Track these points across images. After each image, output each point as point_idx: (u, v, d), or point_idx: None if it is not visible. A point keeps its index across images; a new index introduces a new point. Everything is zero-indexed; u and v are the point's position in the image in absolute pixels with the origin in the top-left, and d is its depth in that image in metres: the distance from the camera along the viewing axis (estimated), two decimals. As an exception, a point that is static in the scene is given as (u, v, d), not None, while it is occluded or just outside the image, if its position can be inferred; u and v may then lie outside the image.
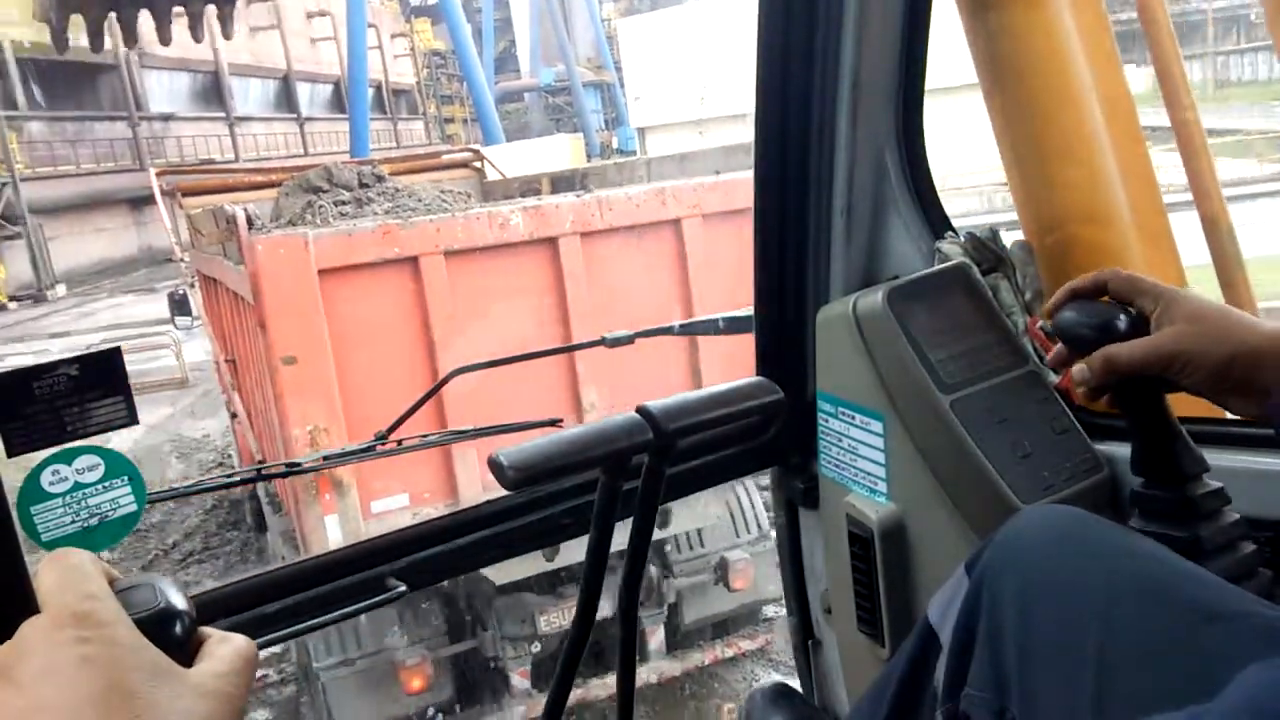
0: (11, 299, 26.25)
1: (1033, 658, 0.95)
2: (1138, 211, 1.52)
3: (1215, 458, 1.17)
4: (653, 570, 5.65)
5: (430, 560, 1.38)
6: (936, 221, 1.55)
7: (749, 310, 1.66)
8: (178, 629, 0.60)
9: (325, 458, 1.79)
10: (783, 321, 1.64)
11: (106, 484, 1.11)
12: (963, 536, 1.35)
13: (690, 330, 2.29)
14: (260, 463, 5.71)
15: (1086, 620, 0.93)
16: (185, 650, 0.60)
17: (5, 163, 26.17)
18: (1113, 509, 1.33)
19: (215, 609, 1.23)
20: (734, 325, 2.07)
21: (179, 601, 0.61)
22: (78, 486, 1.09)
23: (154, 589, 0.62)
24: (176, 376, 14.91)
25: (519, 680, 5.52)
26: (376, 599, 1.33)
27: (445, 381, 2.27)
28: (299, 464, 1.70)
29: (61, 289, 27.40)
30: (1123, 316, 1.09)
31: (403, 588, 1.34)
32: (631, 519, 1.19)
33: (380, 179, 7.03)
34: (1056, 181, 1.54)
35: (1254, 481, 1.20)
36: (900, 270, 1.55)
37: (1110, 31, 1.53)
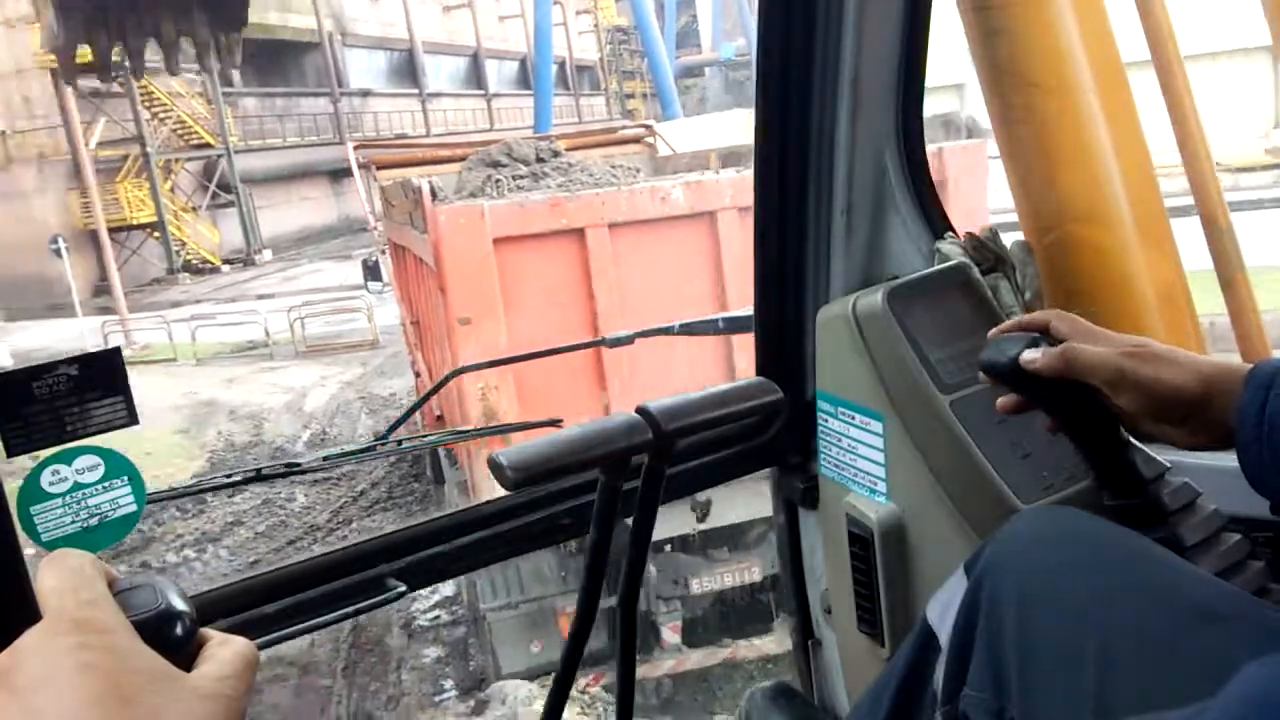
0: (225, 262, 28.61)
1: (1032, 658, 0.95)
2: (1138, 213, 1.52)
3: (1196, 458, 1.16)
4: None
5: (430, 560, 1.38)
6: (936, 221, 1.55)
7: (749, 310, 1.66)
8: (178, 630, 0.60)
9: (325, 458, 1.79)
10: (783, 321, 1.64)
11: (106, 484, 1.11)
12: (962, 536, 1.35)
13: (690, 330, 2.30)
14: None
15: (1085, 620, 0.93)
16: (186, 652, 0.59)
17: (221, 136, 28.25)
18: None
19: (215, 609, 1.22)
20: (734, 325, 2.07)
21: (179, 603, 0.61)
22: (77, 486, 1.09)
23: (154, 590, 0.62)
24: (368, 339, 16.16)
25: (669, 635, 5.93)
26: (376, 599, 1.33)
27: (445, 381, 2.28)
28: (298, 464, 1.71)
29: (268, 254, 29.40)
30: (1045, 344, 1.07)
31: (402, 588, 1.34)
32: (632, 519, 1.19)
33: (556, 154, 7.36)
34: (1057, 182, 1.53)
35: (1236, 480, 1.19)
36: (900, 270, 1.55)
37: (1112, 32, 1.53)
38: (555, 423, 1.84)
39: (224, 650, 0.60)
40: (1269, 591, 1.09)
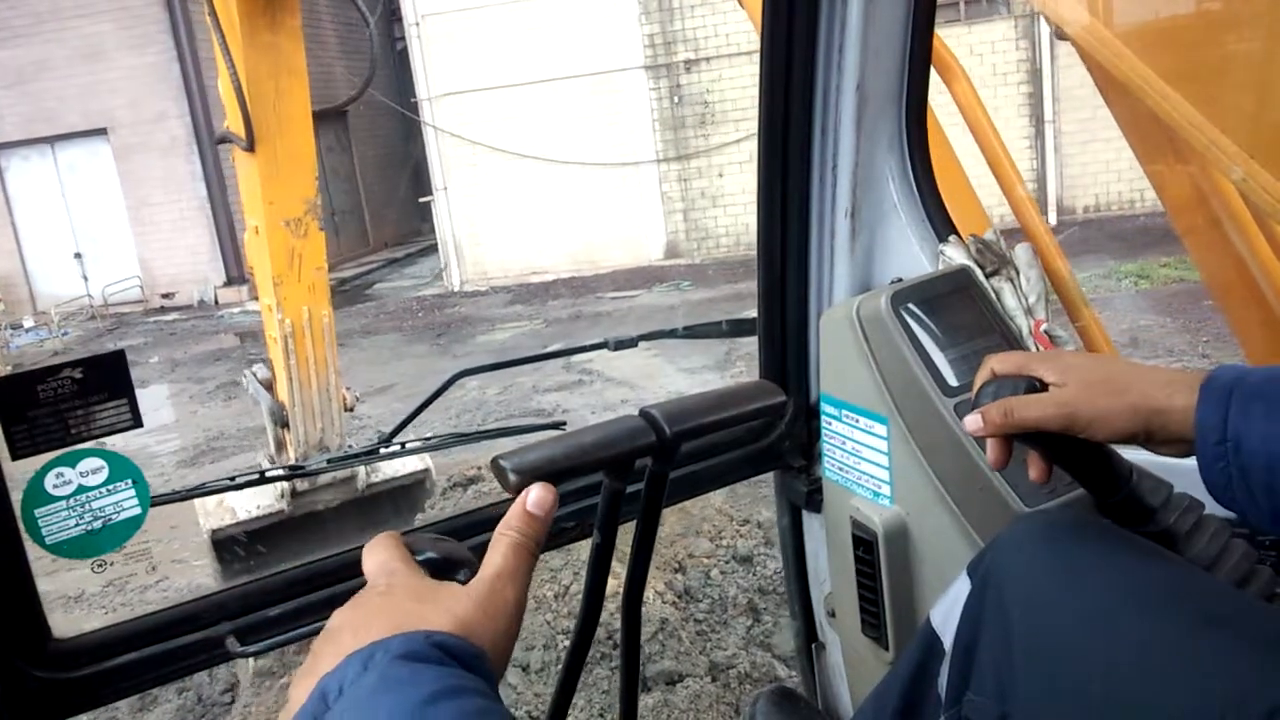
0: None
1: (1035, 662, 0.95)
2: None
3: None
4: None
5: None
6: (940, 225, 1.54)
7: (753, 313, 1.66)
8: (447, 568, 0.84)
9: (329, 460, 1.79)
10: (786, 324, 1.64)
11: (110, 487, 1.11)
12: (966, 540, 1.34)
13: (694, 334, 2.30)
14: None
15: (1088, 624, 0.93)
16: (462, 576, 0.83)
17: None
18: None
19: (218, 612, 1.23)
20: (738, 328, 2.07)
21: (437, 554, 0.85)
22: (81, 489, 1.09)
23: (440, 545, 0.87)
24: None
25: None
26: None
27: (449, 384, 2.28)
28: (302, 467, 1.71)
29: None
30: (1030, 381, 1.05)
31: None
32: (635, 521, 1.19)
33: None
34: None
35: None
36: (904, 273, 1.55)
37: None
38: (558, 425, 1.83)
39: (485, 566, 0.81)
40: (1277, 597, 1.08)
